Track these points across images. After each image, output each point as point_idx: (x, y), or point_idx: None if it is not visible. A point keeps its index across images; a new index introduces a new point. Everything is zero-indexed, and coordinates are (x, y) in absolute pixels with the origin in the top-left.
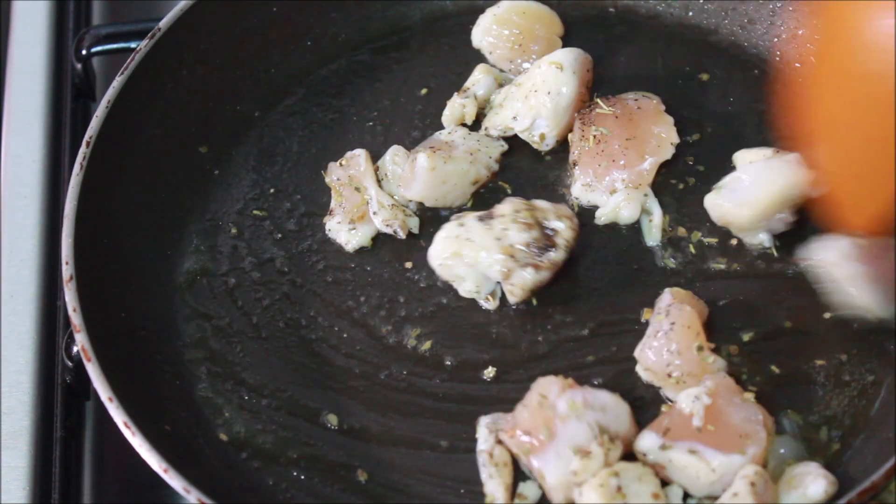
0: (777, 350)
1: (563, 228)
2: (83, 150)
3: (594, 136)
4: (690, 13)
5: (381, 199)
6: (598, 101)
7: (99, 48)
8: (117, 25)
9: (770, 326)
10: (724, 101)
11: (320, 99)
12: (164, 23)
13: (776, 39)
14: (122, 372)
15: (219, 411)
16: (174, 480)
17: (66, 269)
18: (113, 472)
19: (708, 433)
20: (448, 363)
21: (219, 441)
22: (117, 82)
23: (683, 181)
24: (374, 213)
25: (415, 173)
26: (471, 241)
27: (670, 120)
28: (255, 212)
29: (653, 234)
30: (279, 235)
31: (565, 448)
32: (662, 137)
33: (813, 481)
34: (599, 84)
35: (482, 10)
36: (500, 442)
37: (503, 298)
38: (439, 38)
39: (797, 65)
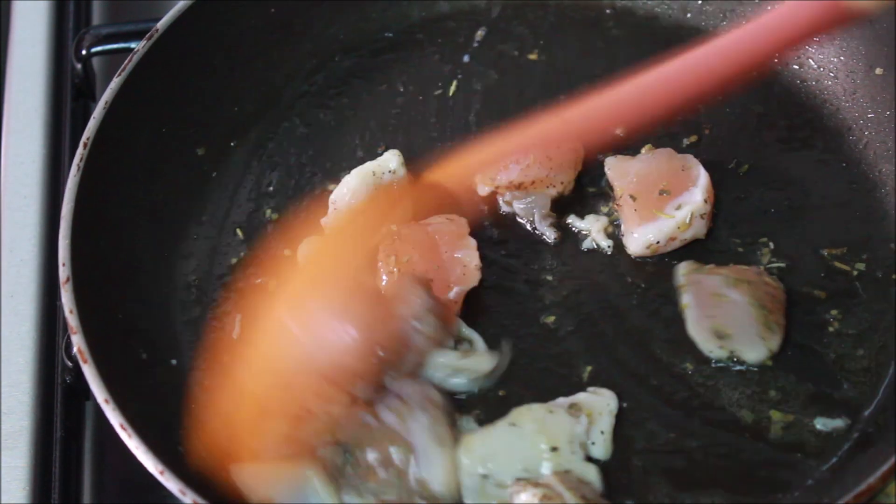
0: None
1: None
2: (80, 152)
3: (398, 269)
4: (688, 15)
5: None
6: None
7: (99, 48)
8: (117, 25)
9: None
10: (721, 102)
11: (319, 99)
12: (162, 23)
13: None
14: (119, 373)
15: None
16: (170, 482)
17: (63, 271)
18: (113, 472)
19: None
20: None
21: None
22: (115, 83)
23: None
24: None
25: None
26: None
27: (473, 243)
28: (253, 213)
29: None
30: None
31: None
32: (466, 264)
33: None
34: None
35: (480, 12)
36: None
37: None
38: (438, 38)
39: None
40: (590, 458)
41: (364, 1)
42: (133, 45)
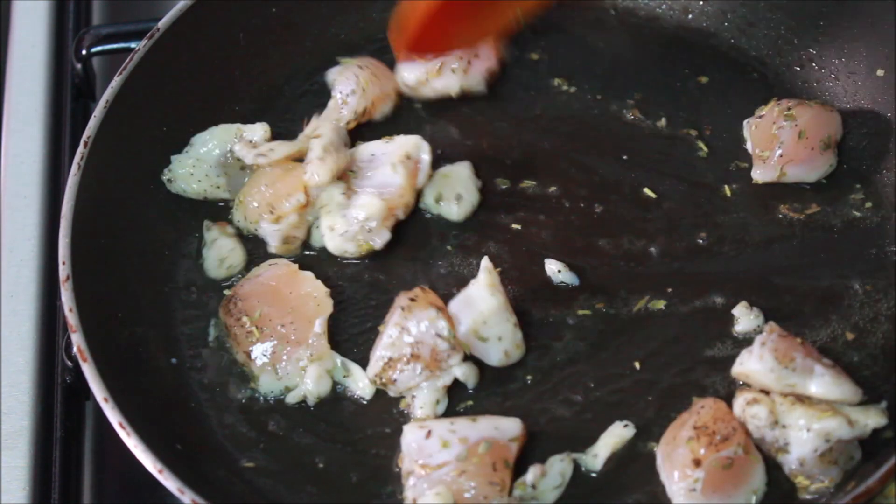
0: None
1: None
2: (80, 151)
3: (257, 327)
4: (690, 16)
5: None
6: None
7: (99, 48)
8: (117, 25)
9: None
10: (722, 104)
11: (319, 100)
12: (162, 23)
13: (775, 42)
14: (118, 372)
15: (216, 412)
16: (169, 481)
17: (63, 269)
18: (113, 472)
19: None
20: None
21: (216, 442)
22: (115, 82)
23: None
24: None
25: None
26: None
27: (310, 275)
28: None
29: (360, 386)
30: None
31: None
32: (315, 295)
33: None
34: (599, 88)
35: None
36: None
37: None
38: None
39: None
40: None
41: (364, 1)
42: (133, 44)
